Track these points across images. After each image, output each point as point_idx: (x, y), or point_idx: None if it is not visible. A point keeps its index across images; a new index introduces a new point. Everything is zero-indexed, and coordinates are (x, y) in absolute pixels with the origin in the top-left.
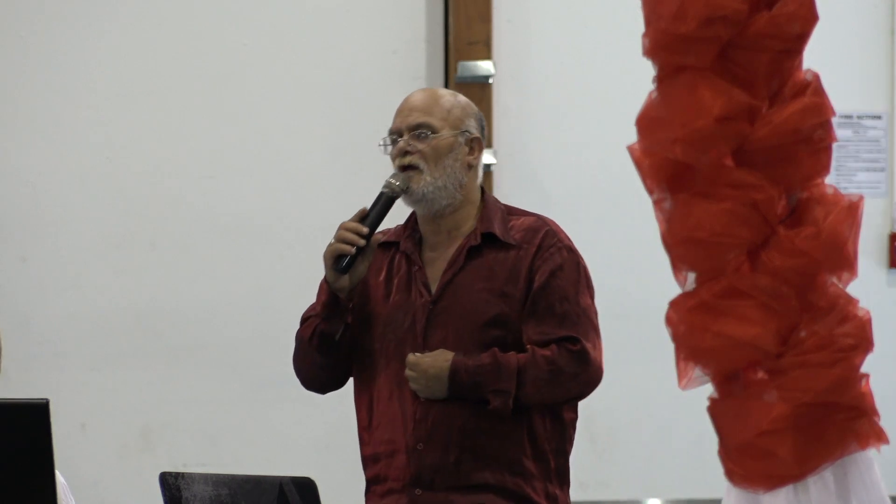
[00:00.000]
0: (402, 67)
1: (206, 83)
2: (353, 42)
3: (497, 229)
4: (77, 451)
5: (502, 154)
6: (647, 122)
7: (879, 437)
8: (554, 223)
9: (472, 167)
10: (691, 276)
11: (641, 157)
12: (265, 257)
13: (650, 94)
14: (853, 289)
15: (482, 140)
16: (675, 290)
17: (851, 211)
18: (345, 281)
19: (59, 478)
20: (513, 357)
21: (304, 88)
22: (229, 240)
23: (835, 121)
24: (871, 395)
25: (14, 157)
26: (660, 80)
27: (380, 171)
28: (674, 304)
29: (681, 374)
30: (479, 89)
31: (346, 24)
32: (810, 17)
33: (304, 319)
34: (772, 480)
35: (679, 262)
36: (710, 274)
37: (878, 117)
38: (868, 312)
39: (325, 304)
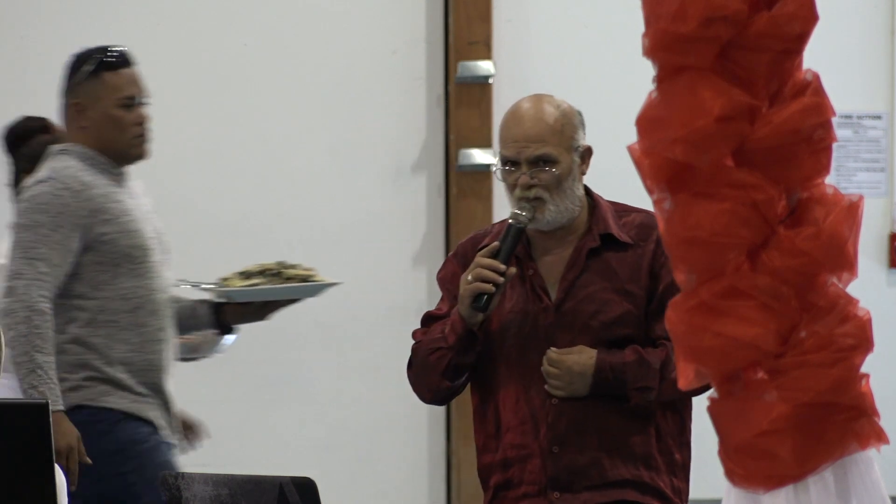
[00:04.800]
0: (402, 67)
1: (207, 83)
2: (353, 42)
3: (613, 229)
4: None
5: None
6: (647, 122)
7: (879, 437)
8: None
9: (584, 175)
10: (691, 276)
11: (641, 157)
12: (265, 257)
13: (650, 94)
14: (853, 289)
15: (588, 144)
16: None
17: (851, 211)
18: (480, 316)
19: (59, 475)
20: (654, 353)
21: (305, 88)
22: (229, 240)
23: (835, 121)
24: (871, 395)
25: None
26: (660, 80)
27: (379, 171)
28: (674, 304)
29: (681, 374)
30: (479, 89)
31: (346, 24)
32: (810, 17)
33: (434, 349)
34: (772, 480)
35: (679, 262)
36: (710, 274)
37: (878, 117)
38: (868, 312)
39: (461, 339)
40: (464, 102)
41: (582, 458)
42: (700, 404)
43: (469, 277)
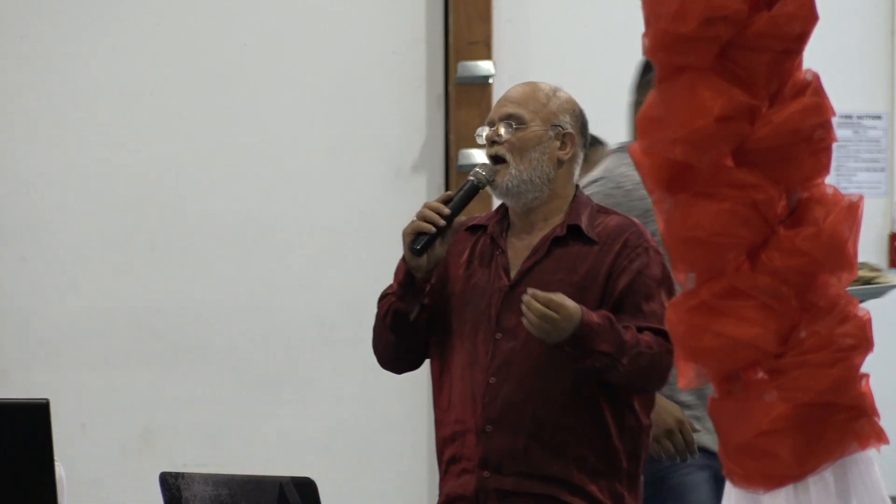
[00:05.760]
0: (402, 67)
1: (206, 83)
2: (353, 42)
3: (583, 223)
4: (77, 451)
5: None
6: (647, 122)
7: (879, 437)
8: (641, 224)
9: (562, 162)
10: (691, 276)
11: (641, 157)
12: (265, 257)
13: (650, 94)
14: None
15: (577, 136)
16: None
17: (851, 211)
18: (421, 261)
19: (60, 470)
20: (627, 329)
21: (304, 89)
22: (229, 240)
23: (835, 121)
24: (871, 395)
25: (14, 157)
26: (660, 80)
27: (380, 170)
28: (674, 304)
29: (681, 374)
30: (479, 89)
31: (346, 24)
32: (810, 17)
33: (382, 297)
34: (772, 480)
35: (679, 262)
36: (710, 274)
37: (878, 117)
38: (868, 312)
39: (401, 283)
40: (464, 102)
41: (514, 443)
42: None
43: (414, 217)
